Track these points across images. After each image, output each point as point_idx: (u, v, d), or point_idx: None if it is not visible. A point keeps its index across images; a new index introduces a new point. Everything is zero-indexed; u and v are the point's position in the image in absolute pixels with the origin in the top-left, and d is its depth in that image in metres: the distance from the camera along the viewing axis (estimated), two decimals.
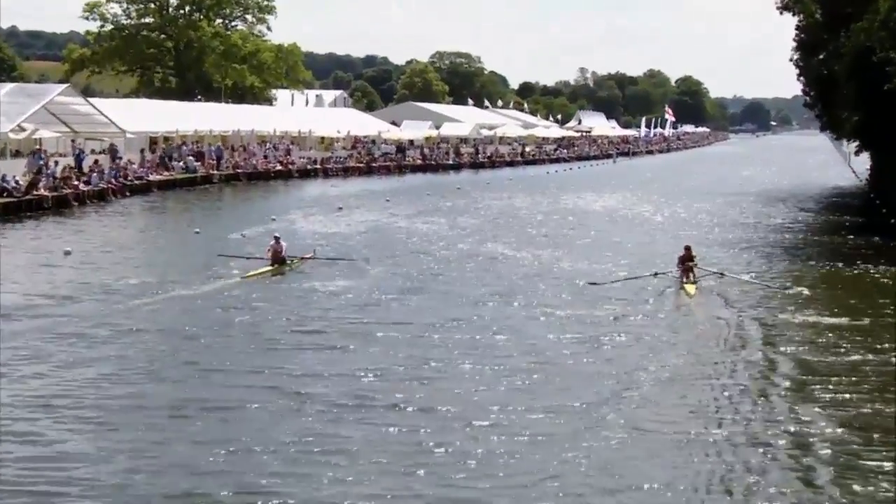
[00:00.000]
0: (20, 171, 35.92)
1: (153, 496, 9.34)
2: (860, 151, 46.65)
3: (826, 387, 13.13)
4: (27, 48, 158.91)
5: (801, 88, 48.11)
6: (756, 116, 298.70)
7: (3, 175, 33.43)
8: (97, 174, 38.82)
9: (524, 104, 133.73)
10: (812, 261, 25.29)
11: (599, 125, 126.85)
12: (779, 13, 40.92)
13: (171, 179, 45.82)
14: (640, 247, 27.42)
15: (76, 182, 37.01)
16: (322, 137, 68.46)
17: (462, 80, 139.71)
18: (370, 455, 10.37)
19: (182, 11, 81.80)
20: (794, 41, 42.52)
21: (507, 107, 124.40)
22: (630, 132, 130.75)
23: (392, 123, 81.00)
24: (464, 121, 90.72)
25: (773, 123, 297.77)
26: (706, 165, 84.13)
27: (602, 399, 12.39)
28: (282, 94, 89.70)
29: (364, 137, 71.87)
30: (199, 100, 71.60)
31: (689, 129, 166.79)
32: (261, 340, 15.32)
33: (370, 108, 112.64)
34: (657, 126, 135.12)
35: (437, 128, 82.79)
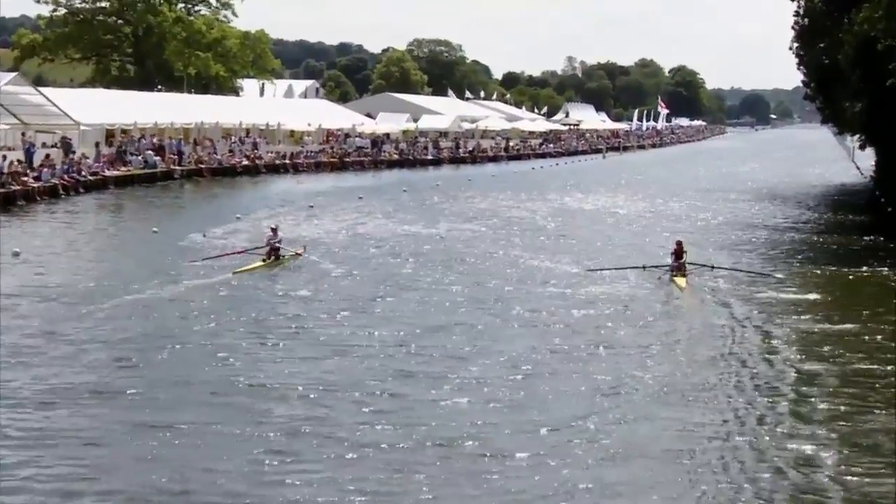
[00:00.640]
0: None
1: None
2: (864, 146, 46.80)
3: (824, 388, 13.26)
4: None
5: (801, 79, 48.24)
6: (755, 109, 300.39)
7: None
8: (48, 169, 38.45)
9: (508, 95, 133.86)
10: (812, 262, 25.40)
11: (588, 118, 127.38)
12: None
13: (129, 175, 45.45)
14: (631, 249, 27.47)
15: (26, 178, 36.62)
16: (292, 131, 68.17)
17: (442, 70, 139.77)
18: (335, 476, 10.24)
19: None
20: (794, 29, 42.61)
21: (490, 98, 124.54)
22: (621, 125, 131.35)
23: (367, 116, 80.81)
24: (444, 113, 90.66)
25: (773, 116, 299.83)
26: (701, 161, 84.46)
27: (588, 409, 12.38)
28: (249, 85, 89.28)
29: (337, 130, 71.66)
30: (160, 90, 71.17)
31: (684, 123, 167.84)
32: (214, 348, 15.12)
33: (343, 100, 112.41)
34: (650, 119, 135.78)
35: (415, 120, 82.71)
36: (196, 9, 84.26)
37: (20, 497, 9.66)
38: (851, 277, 22.98)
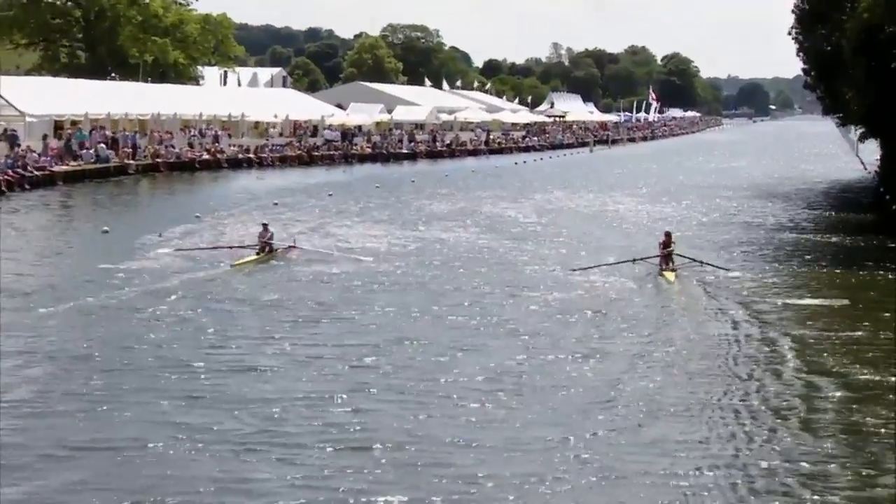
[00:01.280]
0: None
1: None
2: (866, 137, 46.99)
3: (825, 398, 13.36)
4: None
5: (802, 67, 48.43)
6: (753, 99, 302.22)
7: None
8: None
9: (489, 85, 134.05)
10: (813, 262, 25.56)
11: (575, 109, 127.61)
12: None
13: (80, 170, 45.20)
14: (621, 251, 27.52)
15: None
16: (256, 122, 68.16)
17: (418, 57, 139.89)
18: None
19: None
20: (794, 13, 42.77)
21: (470, 88, 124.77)
22: (609, 117, 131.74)
23: (337, 106, 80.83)
24: (420, 104, 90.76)
25: (773, 107, 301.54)
26: (696, 155, 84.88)
27: (578, 407, 12.73)
28: (210, 73, 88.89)
29: (305, 122, 71.67)
30: (113, 78, 70.70)
31: (677, 114, 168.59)
32: (172, 360, 15.01)
33: (312, 89, 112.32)
34: (640, 110, 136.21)
35: (390, 112, 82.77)
36: None
37: None
38: (853, 280, 23.07)
